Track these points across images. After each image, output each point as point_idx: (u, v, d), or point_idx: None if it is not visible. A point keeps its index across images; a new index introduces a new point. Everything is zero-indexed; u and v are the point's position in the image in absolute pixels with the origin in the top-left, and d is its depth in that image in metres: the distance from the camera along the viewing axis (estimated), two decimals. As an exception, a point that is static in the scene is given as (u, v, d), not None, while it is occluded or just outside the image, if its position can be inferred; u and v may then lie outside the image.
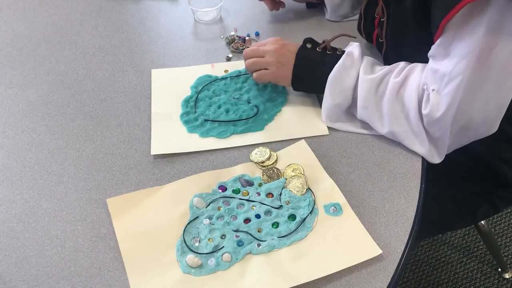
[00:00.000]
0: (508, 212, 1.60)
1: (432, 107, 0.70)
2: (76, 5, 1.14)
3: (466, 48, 0.65)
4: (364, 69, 0.78)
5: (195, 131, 0.83)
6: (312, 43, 0.84)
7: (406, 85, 0.74)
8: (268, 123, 0.84)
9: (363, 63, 0.79)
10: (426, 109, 0.71)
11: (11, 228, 0.70)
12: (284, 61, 0.83)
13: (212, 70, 0.95)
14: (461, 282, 1.45)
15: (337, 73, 0.79)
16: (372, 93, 0.76)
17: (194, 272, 0.64)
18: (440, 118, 0.70)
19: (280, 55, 0.83)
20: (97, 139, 0.83)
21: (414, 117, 0.73)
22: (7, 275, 0.65)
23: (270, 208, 0.71)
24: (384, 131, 0.78)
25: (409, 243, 0.67)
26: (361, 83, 0.77)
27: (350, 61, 0.78)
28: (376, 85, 0.76)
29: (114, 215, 0.71)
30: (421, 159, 0.77)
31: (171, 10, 1.12)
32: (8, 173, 0.77)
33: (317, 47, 0.83)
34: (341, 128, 0.82)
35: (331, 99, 0.80)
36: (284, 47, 0.84)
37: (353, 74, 0.78)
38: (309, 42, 0.84)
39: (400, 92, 0.74)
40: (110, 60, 0.99)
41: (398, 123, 0.75)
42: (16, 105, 0.89)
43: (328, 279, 0.63)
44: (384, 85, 0.76)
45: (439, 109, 0.69)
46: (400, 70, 0.76)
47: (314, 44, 0.84)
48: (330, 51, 0.82)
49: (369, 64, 0.79)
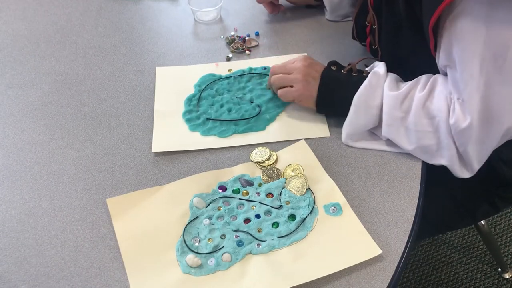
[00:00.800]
0: (508, 212, 1.60)
1: (457, 116, 0.69)
2: (76, 5, 1.14)
3: (466, 51, 0.65)
4: (388, 86, 0.76)
5: (196, 130, 0.83)
6: (336, 65, 0.82)
7: (433, 97, 0.72)
8: (269, 123, 0.84)
9: (387, 80, 0.77)
10: (452, 119, 0.70)
11: (11, 228, 0.70)
12: (310, 80, 0.81)
13: (216, 69, 0.95)
14: (461, 282, 1.45)
15: (363, 92, 0.77)
16: (397, 109, 0.74)
17: (194, 272, 0.64)
18: (467, 127, 0.68)
19: (307, 73, 0.81)
20: (97, 139, 0.83)
21: (443, 128, 0.71)
22: (7, 275, 0.65)
23: (270, 208, 0.71)
24: (410, 148, 0.75)
25: (409, 243, 0.67)
26: (386, 100, 0.75)
27: (376, 80, 0.76)
28: (400, 101, 0.74)
29: (114, 215, 0.71)
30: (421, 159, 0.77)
31: (171, 10, 1.12)
32: (8, 173, 0.77)
33: (342, 70, 0.81)
34: (363, 147, 0.80)
35: (356, 119, 0.78)
36: (311, 66, 0.82)
37: (378, 93, 0.76)
38: (334, 64, 0.82)
39: (426, 105, 0.72)
40: (110, 60, 0.99)
41: (427, 137, 0.73)
42: (16, 105, 0.89)
43: (328, 279, 0.63)
44: (409, 100, 0.74)
45: (465, 119, 0.68)
46: (424, 84, 0.75)
47: (339, 66, 0.82)
48: (356, 73, 0.80)
49: (393, 81, 0.77)
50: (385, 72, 0.78)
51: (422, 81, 0.76)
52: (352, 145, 0.80)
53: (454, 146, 0.72)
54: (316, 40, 1.01)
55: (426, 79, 0.76)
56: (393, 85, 0.77)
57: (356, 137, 0.80)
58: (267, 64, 0.95)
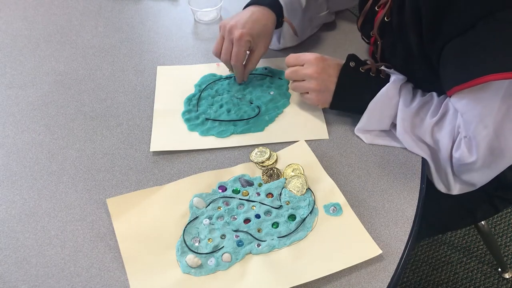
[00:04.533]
0: (508, 212, 1.60)
1: (462, 152, 0.71)
2: (76, 5, 1.14)
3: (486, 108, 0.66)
4: (404, 99, 0.76)
5: (195, 130, 0.83)
6: (355, 61, 0.80)
7: (442, 127, 0.74)
8: (268, 124, 0.84)
9: (402, 92, 0.77)
10: (457, 153, 0.72)
11: (11, 228, 0.70)
12: (323, 89, 0.80)
13: (218, 69, 0.95)
14: (461, 282, 1.45)
15: (378, 101, 0.76)
16: (409, 122, 0.75)
17: (194, 272, 0.64)
18: (470, 163, 0.70)
19: (319, 82, 0.79)
20: (97, 139, 0.83)
21: (444, 154, 0.74)
22: (7, 275, 0.65)
23: (270, 208, 0.71)
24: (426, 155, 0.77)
25: (409, 243, 0.67)
26: (399, 114, 0.76)
27: (394, 90, 0.76)
28: (412, 117, 0.75)
29: (114, 215, 0.71)
30: (421, 159, 0.77)
31: (171, 10, 1.12)
32: (8, 173, 0.77)
33: (361, 67, 0.80)
34: (380, 143, 0.80)
35: (368, 122, 0.79)
36: (324, 71, 0.79)
37: (393, 104, 0.76)
38: (353, 60, 0.80)
39: (434, 131, 0.74)
40: (110, 60, 0.98)
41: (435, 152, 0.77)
42: (16, 105, 0.89)
43: (328, 279, 0.63)
44: (420, 120, 0.75)
45: (470, 157, 0.70)
46: (436, 108, 0.75)
47: (358, 62, 0.80)
48: (374, 73, 0.79)
49: (409, 93, 0.77)
50: (402, 81, 0.78)
51: (434, 104, 0.76)
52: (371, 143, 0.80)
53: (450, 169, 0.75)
54: (316, 40, 1.01)
55: (437, 103, 0.76)
56: (408, 98, 0.77)
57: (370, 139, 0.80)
58: (268, 65, 0.95)
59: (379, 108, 0.77)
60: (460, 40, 0.65)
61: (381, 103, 0.76)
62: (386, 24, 0.80)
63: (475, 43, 0.64)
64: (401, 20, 0.75)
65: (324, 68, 0.80)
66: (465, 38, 0.65)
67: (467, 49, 0.65)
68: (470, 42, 0.64)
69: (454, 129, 0.72)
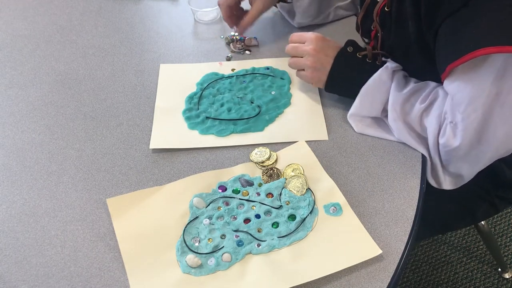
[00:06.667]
0: (508, 212, 1.60)
1: (448, 138, 0.71)
2: (76, 5, 1.14)
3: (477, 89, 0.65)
4: (396, 84, 0.77)
5: (195, 128, 0.83)
6: (354, 46, 0.82)
7: (429, 113, 0.74)
8: (268, 124, 0.84)
9: (395, 77, 0.78)
10: (442, 138, 0.72)
11: (11, 228, 0.70)
12: (319, 66, 0.82)
13: (220, 68, 0.95)
14: (461, 282, 1.45)
15: (371, 85, 0.77)
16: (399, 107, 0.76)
17: (194, 272, 0.64)
18: (455, 149, 0.70)
19: (316, 59, 0.82)
20: (97, 139, 0.83)
21: (431, 141, 0.74)
22: (7, 275, 0.65)
23: (270, 208, 0.71)
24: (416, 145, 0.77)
25: (409, 243, 0.67)
26: (391, 98, 0.76)
27: (386, 75, 0.77)
28: (403, 102, 0.76)
29: (114, 215, 0.71)
30: (421, 159, 0.77)
31: (171, 10, 1.12)
32: (8, 173, 0.77)
33: (358, 53, 0.81)
34: (371, 134, 0.81)
35: (360, 107, 0.79)
36: (322, 50, 0.82)
37: (386, 88, 0.77)
38: (351, 45, 0.82)
39: (422, 117, 0.75)
40: (110, 60, 0.99)
41: None
42: (16, 105, 0.89)
43: (328, 279, 0.63)
44: (410, 105, 0.76)
45: (455, 141, 0.70)
46: (427, 95, 0.76)
47: (356, 48, 0.82)
48: (370, 59, 0.81)
49: (402, 79, 0.78)
50: (395, 68, 0.78)
51: (426, 91, 0.76)
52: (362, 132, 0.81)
53: (439, 160, 0.75)
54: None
55: (429, 90, 0.76)
56: (401, 83, 0.78)
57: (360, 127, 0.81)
58: (270, 65, 0.95)
59: (371, 92, 0.78)
60: (452, 19, 0.65)
61: (373, 88, 0.77)
62: (386, 15, 0.80)
63: (467, 20, 0.63)
64: (401, 9, 0.76)
65: (323, 47, 0.82)
66: (457, 16, 0.64)
67: (460, 27, 0.65)
68: (462, 20, 0.64)
69: (441, 115, 0.72)
